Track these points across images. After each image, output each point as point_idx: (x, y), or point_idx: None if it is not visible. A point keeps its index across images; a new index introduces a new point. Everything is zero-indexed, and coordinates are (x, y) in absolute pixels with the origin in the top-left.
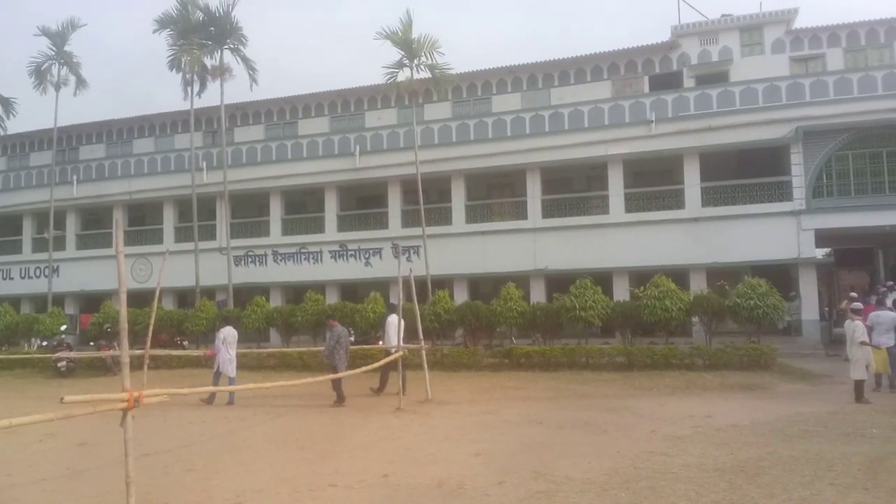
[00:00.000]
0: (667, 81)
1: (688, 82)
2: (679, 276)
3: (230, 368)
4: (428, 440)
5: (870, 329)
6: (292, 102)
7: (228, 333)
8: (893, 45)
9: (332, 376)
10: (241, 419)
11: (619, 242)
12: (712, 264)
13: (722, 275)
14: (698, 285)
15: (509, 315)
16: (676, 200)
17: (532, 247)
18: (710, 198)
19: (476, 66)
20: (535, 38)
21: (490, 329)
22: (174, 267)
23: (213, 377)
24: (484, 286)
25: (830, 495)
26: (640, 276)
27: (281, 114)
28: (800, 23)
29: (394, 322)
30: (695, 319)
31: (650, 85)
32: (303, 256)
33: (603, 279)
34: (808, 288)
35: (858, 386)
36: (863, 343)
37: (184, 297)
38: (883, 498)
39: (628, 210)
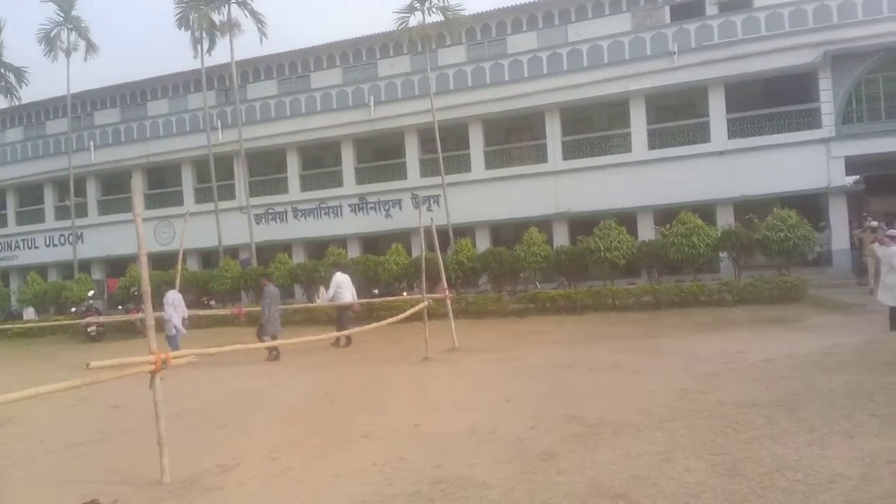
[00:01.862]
0: (689, 10)
1: (710, 10)
2: (706, 211)
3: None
4: (457, 388)
5: None
6: (303, 55)
7: (174, 297)
8: None
9: (270, 343)
10: (271, 375)
11: (643, 181)
12: (740, 198)
13: (750, 208)
14: (726, 220)
15: (533, 260)
16: (701, 134)
17: (554, 190)
18: (736, 129)
19: (489, 6)
20: None
21: (514, 275)
22: (196, 228)
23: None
24: (506, 232)
25: (873, 426)
26: (666, 214)
27: (293, 67)
28: None
29: (343, 280)
30: (723, 255)
31: (672, 15)
32: (322, 211)
33: (627, 219)
34: (839, 217)
35: (894, 314)
36: None
37: (208, 257)
38: None
39: (651, 147)
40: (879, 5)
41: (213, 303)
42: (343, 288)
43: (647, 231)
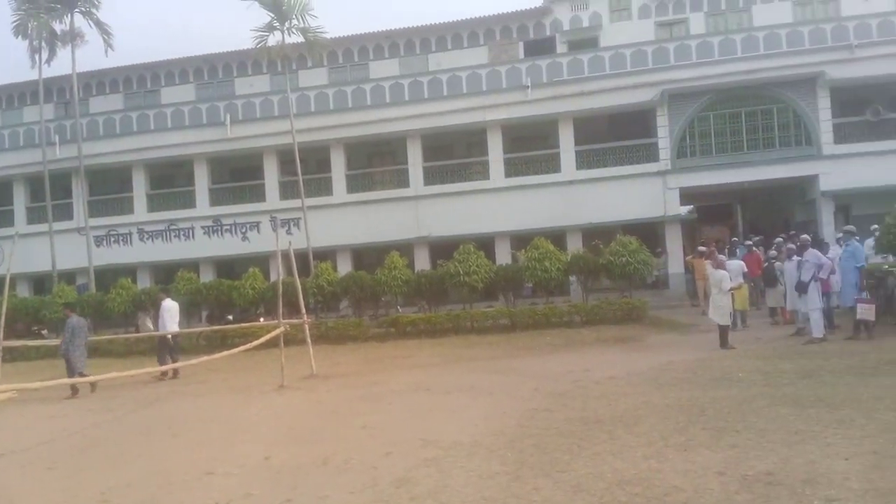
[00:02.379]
0: (541, 47)
1: (561, 48)
2: (557, 237)
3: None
4: (313, 416)
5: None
6: (154, 69)
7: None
8: (751, 9)
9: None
10: (107, 410)
11: (500, 207)
12: (587, 225)
13: (596, 234)
14: (575, 245)
15: (394, 284)
16: (553, 164)
17: (415, 214)
18: (584, 161)
19: (352, 31)
20: (394, 4)
21: (375, 299)
22: (28, 251)
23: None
24: (368, 256)
25: (705, 439)
26: (521, 239)
27: (141, 81)
28: None
29: (171, 307)
30: (572, 278)
31: (525, 50)
32: (173, 233)
33: (485, 244)
34: (674, 244)
35: (723, 332)
36: (732, 288)
37: (40, 282)
38: (753, 439)
39: (508, 175)
40: (712, 48)
41: (44, 332)
42: (167, 317)
43: (504, 255)
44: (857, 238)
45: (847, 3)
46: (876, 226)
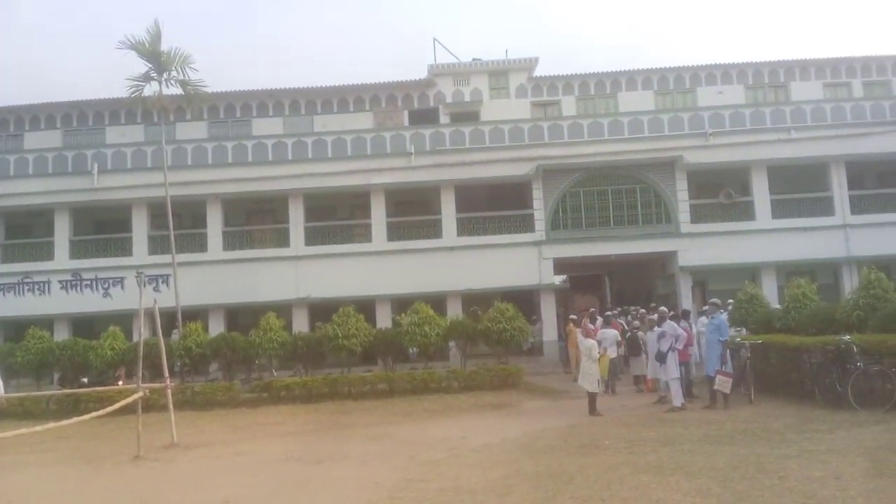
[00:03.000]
0: (425, 116)
1: (444, 118)
2: (438, 302)
3: None
4: (169, 491)
5: (598, 343)
6: (17, 112)
7: None
8: (617, 95)
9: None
10: None
11: (382, 270)
12: (467, 290)
13: (476, 300)
14: (455, 311)
15: (269, 346)
16: (435, 230)
17: (295, 275)
18: (464, 228)
19: (235, 87)
20: (284, 62)
21: (249, 362)
22: None
23: None
24: (244, 316)
25: None
26: (402, 303)
27: (3, 125)
28: (540, 71)
29: None
30: (451, 343)
31: (410, 119)
32: (26, 287)
33: (366, 307)
34: (549, 311)
35: (592, 399)
36: (600, 356)
37: None
38: None
39: (390, 238)
40: (582, 129)
41: None
42: None
43: (384, 319)
44: (723, 311)
45: (703, 94)
46: (731, 300)
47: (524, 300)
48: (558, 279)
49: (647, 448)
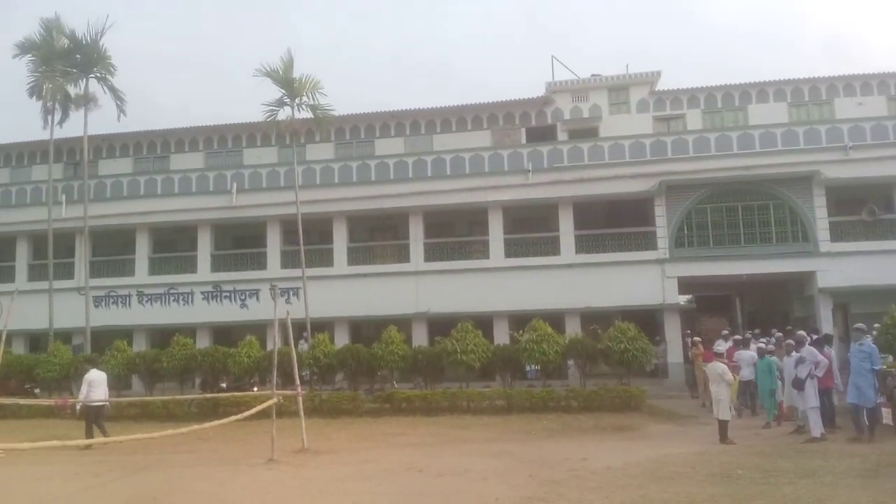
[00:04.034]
0: (542, 134)
1: (561, 135)
2: (555, 319)
3: None
4: (300, 494)
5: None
6: (164, 136)
7: None
8: (747, 107)
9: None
10: (94, 475)
11: (499, 286)
12: (586, 309)
13: (595, 319)
14: (573, 329)
15: (391, 359)
16: (553, 247)
17: (414, 290)
18: (583, 245)
19: (359, 109)
20: (405, 84)
21: (371, 373)
22: (26, 308)
23: None
24: (366, 329)
25: None
26: (520, 320)
27: (151, 147)
28: (662, 85)
29: (96, 378)
30: (570, 362)
31: (527, 136)
32: (172, 297)
33: (484, 322)
34: (673, 332)
35: (723, 426)
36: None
37: (37, 340)
38: None
39: (508, 255)
40: (708, 143)
41: (37, 391)
42: (94, 386)
43: (502, 335)
44: (869, 336)
45: (841, 106)
46: (876, 325)
47: (646, 320)
48: (683, 299)
49: (784, 479)
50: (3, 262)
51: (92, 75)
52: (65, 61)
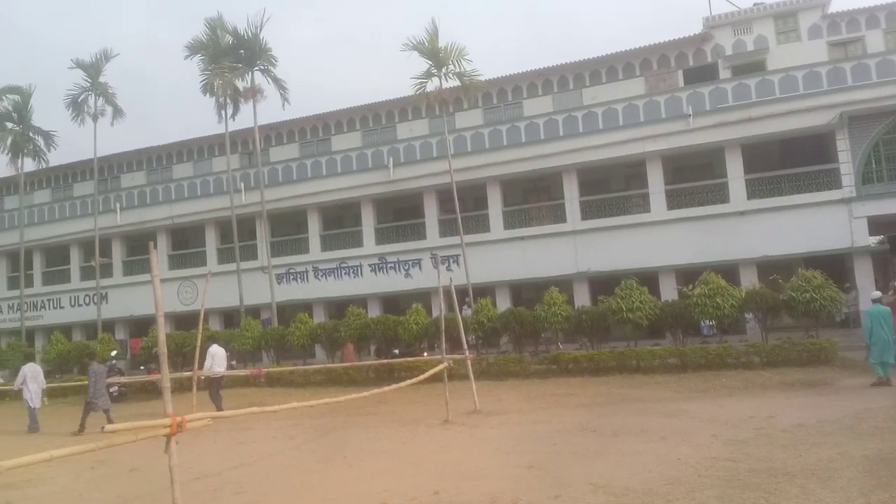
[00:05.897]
0: (702, 74)
1: (723, 74)
2: (728, 271)
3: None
4: (478, 453)
5: None
6: (324, 119)
7: (31, 370)
8: None
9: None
10: (289, 438)
11: (663, 240)
12: (762, 258)
13: (773, 268)
14: (749, 280)
15: (554, 320)
16: (720, 194)
17: (573, 249)
18: (755, 190)
19: (505, 71)
20: (547, 39)
21: (535, 335)
22: (218, 288)
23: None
24: (526, 292)
25: None
26: (688, 274)
27: (314, 131)
28: (835, 6)
29: (218, 353)
30: (748, 316)
31: (685, 79)
32: (343, 271)
33: (648, 279)
34: (865, 278)
35: None
36: None
37: (230, 317)
38: None
39: (670, 207)
40: (893, 67)
41: (234, 363)
42: (216, 361)
43: (669, 291)
44: None
45: None
46: None
47: (832, 266)
48: (874, 240)
49: None
50: (196, 248)
51: (256, 68)
52: (230, 57)
